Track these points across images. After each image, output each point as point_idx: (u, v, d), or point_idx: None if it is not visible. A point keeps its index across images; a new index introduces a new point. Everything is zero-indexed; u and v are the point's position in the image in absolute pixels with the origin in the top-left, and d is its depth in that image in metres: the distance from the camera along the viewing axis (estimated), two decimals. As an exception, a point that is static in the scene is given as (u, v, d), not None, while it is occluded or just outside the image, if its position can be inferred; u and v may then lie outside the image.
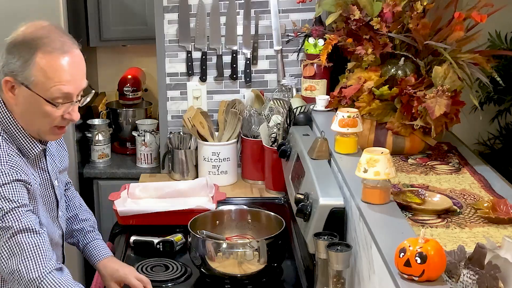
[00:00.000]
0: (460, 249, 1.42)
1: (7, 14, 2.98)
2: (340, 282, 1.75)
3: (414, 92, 2.08)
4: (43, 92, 1.71)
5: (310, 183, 2.00)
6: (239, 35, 2.95)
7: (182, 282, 2.18)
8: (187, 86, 3.01)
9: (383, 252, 1.49)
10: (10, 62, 1.71)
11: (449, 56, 2.07)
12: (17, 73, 1.70)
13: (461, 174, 2.02)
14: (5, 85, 1.73)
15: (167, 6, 2.94)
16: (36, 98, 1.71)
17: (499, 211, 1.70)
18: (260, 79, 2.99)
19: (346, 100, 2.21)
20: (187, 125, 2.90)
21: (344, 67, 2.40)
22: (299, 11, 2.89)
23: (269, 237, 2.13)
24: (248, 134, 2.92)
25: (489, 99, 3.41)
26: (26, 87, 1.71)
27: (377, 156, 1.67)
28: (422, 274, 1.34)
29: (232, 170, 2.93)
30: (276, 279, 2.21)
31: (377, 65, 2.22)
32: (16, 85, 1.72)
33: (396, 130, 2.15)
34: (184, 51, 2.97)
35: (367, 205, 1.71)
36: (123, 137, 3.46)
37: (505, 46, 3.37)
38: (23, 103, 1.74)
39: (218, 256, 2.10)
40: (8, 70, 1.72)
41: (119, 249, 2.39)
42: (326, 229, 1.87)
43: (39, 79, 1.69)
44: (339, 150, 2.09)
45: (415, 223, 1.69)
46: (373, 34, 2.19)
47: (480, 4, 2.10)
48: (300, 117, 2.59)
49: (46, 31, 1.72)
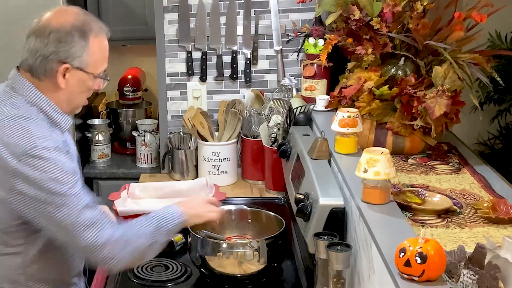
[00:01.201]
0: (460, 249, 1.42)
1: (7, 14, 2.99)
2: (340, 282, 1.75)
3: (414, 92, 2.08)
4: (94, 70, 1.84)
5: (310, 183, 2.00)
6: (239, 35, 2.95)
7: (182, 282, 2.18)
8: (187, 86, 3.01)
9: (383, 252, 1.49)
10: (63, 49, 1.78)
11: (449, 56, 2.07)
12: (73, 58, 1.79)
13: (461, 174, 2.02)
14: (61, 71, 1.80)
15: (167, 6, 2.94)
16: (87, 77, 1.83)
17: (499, 211, 1.70)
18: (260, 79, 2.99)
19: (346, 100, 2.21)
20: (187, 125, 2.90)
21: (344, 67, 2.40)
22: (299, 11, 2.89)
23: (269, 237, 2.13)
24: (248, 134, 2.92)
25: (489, 99, 3.41)
26: (80, 69, 1.81)
27: (377, 156, 1.67)
28: (422, 274, 1.34)
29: (232, 170, 2.93)
30: (276, 279, 2.21)
31: (377, 65, 2.22)
32: (70, 69, 1.80)
33: (396, 130, 2.15)
34: (184, 51, 2.97)
35: (367, 205, 1.71)
36: (123, 137, 3.46)
37: (505, 46, 3.37)
38: (73, 85, 1.83)
39: (218, 256, 2.10)
40: (63, 58, 1.78)
41: (119, 249, 2.39)
42: (326, 229, 1.87)
43: (92, 60, 1.82)
44: (339, 150, 2.09)
45: (415, 223, 1.69)
46: (373, 34, 2.19)
47: (480, 4, 2.10)
48: (300, 117, 2.59)
49: (86, 16, 1.84)
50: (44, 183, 1.70)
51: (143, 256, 1.87)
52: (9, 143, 1.71)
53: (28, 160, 1.69)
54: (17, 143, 1.71)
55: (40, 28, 1.81)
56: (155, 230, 1.85)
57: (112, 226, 1.78)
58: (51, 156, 1.71)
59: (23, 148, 1.70)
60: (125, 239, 1.79)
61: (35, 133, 1.73)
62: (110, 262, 1.76)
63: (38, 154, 1.70)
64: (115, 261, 1.76)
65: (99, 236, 1.73)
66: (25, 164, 1.69)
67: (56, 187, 1.70)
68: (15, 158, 1.70)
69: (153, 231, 1.85)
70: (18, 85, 1.83)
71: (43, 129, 1.76)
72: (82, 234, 1.72)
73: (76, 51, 1.79)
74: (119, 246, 1.77)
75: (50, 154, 1.71)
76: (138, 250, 1.81)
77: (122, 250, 1.77)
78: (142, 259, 1.90)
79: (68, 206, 1.71)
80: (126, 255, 1.78)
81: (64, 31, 1.78)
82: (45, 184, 1.70)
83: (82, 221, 1.72)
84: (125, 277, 2.21)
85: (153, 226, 1.85)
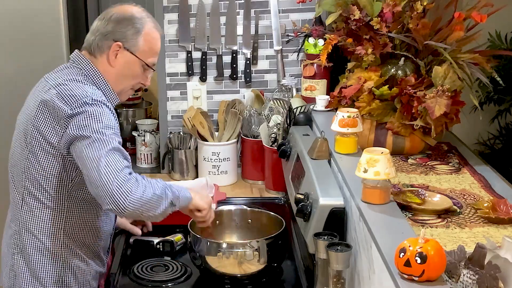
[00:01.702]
0: (460, 249, 1.42)
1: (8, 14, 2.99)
2: (340, 282, 1.75)
3: (414, 92, 2.08)
4: (143, 58, 2.06)
5: (310, 183, 2.00)
6: (239, 35, 2.94)
7: (182, 282, 2.18)
8: (187, 86, 3.01)
9: (383, 252, 1.49)
10: (120, 30, 2.03)
11: (449, 56, 2.07)
12: (126, 40, 2.03)
13: (461, 174, 2.02)
14: (114, 49, 2.03)
15: (167, 6, 2.94)
16: (135, 62, 2.06)
17: (499, 211, 1.70)
18: (260, 79, 2.99)
19: (346, 100, 2.21)
20: (187, 125, 2.90)
21: (344, 67, 2.40)
22: (299, 11, 2.89)
23: (269, 237, 2.13)
24: (248, 134, 2.92)
25: (489, 99, 3.41)
26: (131, 52, 2.04)
27: (377, 156, 1.68)
28: (422, 274, 1.34)
29: (232, 170, 2.93)
30: (276, 279, 2.21)
31: (377, 65, 2.22)
32: (121, 49, 2.03)
33: (396, 130, 2.15)
34: (184, 51, 2.97)
35: (367, 205, 1.71)
36: (123, 137, 3.44)
37: (505, 46, 3.37)
38: (122, 65, 2.05)
39: (218, 256, 2.10)
40: (118, 37, 2.03)
41: (119, 249, 2.39)
42: (326, 229, 1.87)
43: (143, 47, 2.05)
44: (339, 150, 2.09)
45: (415, 223, 1.69)
46: (373, 34, 2.19)
47: (480, 4, 2.10)
48: (300, 117, 2.59)
49: (145, 12, 2.10)
50: (90, 123, 1.89)
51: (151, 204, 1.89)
52: (65, 96, 1.94)
53: (80, 107, 1.91)
54: (72, 94, 1.93)
55: (104, 13, 2.07)
56: (167, 186, 1.97)
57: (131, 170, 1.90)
58: (100, 106, 1.93)
59: (77, 99, 1.92)
60: (140, 179, 1.89)
61: (88, 90, 1.96)
62: (125, 200, 1.82)
63: (89, 103, 1.92)
64: (127, 197, 1.82)
65: (119, 172, 1.84)
66: (77, 111, 1.90)
67: (97, 127, 1.89)
68: (69, 107, 1.91)
69: (165, 186, 1.96)
70: (77, 59, 2.06)
71: (96, 91, 2.00)
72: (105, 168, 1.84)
73: (130, 35, 2.03)
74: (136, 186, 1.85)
75: (100, 105, 1.93)
76: (148, 194, 1.87)
77: (136, 188, 1.84)
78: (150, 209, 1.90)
79: (100, 142, 1.87)
80: (138, 194, 1.84)
81: (124, 17, 2.04)
82: (90, 123, 1.89)
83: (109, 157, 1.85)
84: (125, 277, 2.21)
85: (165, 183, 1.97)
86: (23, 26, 3.02)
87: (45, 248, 2.03)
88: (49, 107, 1.95)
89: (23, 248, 2.04)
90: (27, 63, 3.07)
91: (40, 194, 2.01)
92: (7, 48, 3.03)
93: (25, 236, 2.04)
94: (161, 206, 1.91)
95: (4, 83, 3.12)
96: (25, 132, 2.01)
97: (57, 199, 2.01)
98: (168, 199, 1.93)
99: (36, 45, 3.05)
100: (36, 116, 1.97)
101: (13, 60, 3.05)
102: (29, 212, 2.03)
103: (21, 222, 2.05)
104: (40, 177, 1.99)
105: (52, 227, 2.02)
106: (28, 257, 2.04)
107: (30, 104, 2.03)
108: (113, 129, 1.93)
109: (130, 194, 1.82)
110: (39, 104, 1.98)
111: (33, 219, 2.03)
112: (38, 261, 2.03)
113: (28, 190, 2.02)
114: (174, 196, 1.96)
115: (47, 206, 2.01)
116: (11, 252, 2.08)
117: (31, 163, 2.00)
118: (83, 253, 2.08)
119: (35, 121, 1.97)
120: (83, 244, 2.07)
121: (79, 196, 2.03)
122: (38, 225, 2.02)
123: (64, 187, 2.00)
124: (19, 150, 2.05)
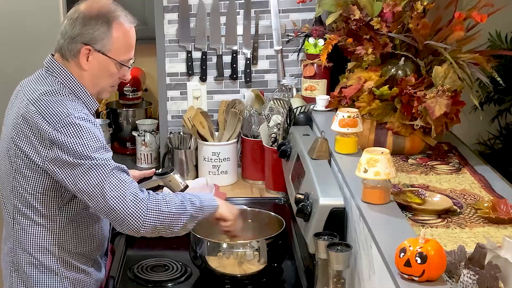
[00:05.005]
0: (460, 249, 1.42)
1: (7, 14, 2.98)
2: (340, 282, 1.75)
3: (414, 92, 2.08)
4: (116, 56, 1.97)
5: (310, 183, 2.00)
6: (239, 35, 2.94)
7: (182, 282, 2.18)
8: (187, 86, 3.01)
9: (383, 252, 1.49)
10: (87, 32, 1.93)
11: (449, 56, 2.07)
12: (95, 41, 1.93)
13: (461, 174, 2.02)
14: (83, 52, 1.94)
15: (167, 6, 2.94)
16: (109, 62, 1.96)
17: (499, 211, 1.70)
18: (260, 79, 2.99)
19: (346, 100, 2.21)
20: (187, 125, 2.90)
21: (344, 67, 2.40)
22: (299, 11, 2.89)
23: (269, 237, 2.13)
24: (248, 134, 2.92)
25: (489, 99, 3.41)
26: (102, 53, 1.94)
27: (377, 156, 1.67)
28: (422, 274, 1.34)
29: (232, 170, 2.93)
30: (276, 279, 2.21)
31: (377, 65, 2.22)
32: (92, 51, 1.94)
33: (396, 130, 2.15)
34: (184, 51, 2.97)
35: (367, 205, 1.71)
36: (123, 137, 3.45)
37: (505, 46, 3.37)
38: (96, 67, 1.97)
39: (218, 256, 2.10)
40: (86, 40, 1.93)
41: (119, 249, 2.39)
42: (326, 229, 1.87)
43: (114, 45, 1.95)
44: (339, 150, 2.09)
45: (415, 223, 1.69)
46: (373, 34, 2.19)
47: (480, 4, 2.10)
48: (300, 117, 2.59)
49: (114, 6, 1.98)
50: (77, 147, 1.83)
51: (169, 222, 1.87)
52: (46, 114, 1.86)
53: (63, 128, 1.84)
54: (53, 113, 1.86)
55: (71, 13, 1.98)
56: (187, 199, 1.93)
57: (139, 188, 1.87)
58: (84, 124, 1.86)
59: (59, 118, 1.85)
60: (153, 199, 1.86)
61: (68, 106, 1.88)
62: (137, 223, 1.81)
63: (72, 122, 1.84)
64: (141, 221, 1.81)
65: (127, 194, 1.81)
66: (60, 132, 1.83)
67: (88, 152, 1.83)
68: (51, 127, 1.84)
69: (184, 200, 1.92)
70: (51, 66, 1.99)
71: (75, 104, 1.92)
72: (110, 193, 1.81)
73: (98, 35, 1.93)
74: (146, 206, 1.82)
75: (83, 123, 1.86)
76: (163, 213, 1.85)
77: (149, 211, 1.82)
78: (169, 226, 1.89)
79: (97, 168, 1.82)
80: (152, 216, 1.82)
81: (90, 16, 1.93)
82: (78, 148, 1.83)
83: (111, 181, 1.82)
84: (125, 277, 2.21)
85: (184, 196, 1.94)
86: (23, 26, 3.01)
87: (41, 265, 1.98)
88: (30, 125, 1.88)
89: (19, 266, 2.00)
90: (27, 63, 3.07)
91: (30, 212, 1.95)
92: (7, 48, 3.03)
93: (20, 254, 1.99)
94: (179, 223, 1.90)
95: (4, 83, 3.12)
96: (8, 151, 1.95)
97: (48, 215, 1.95)
98: (187, 213, 1.91)
99: (36, 45, 3.05)
100: (17, 134, 1.91)
101: (13, 60, 3.05)
102: (22, 230, 1.98)
103: (15, 240, 2.00)
104: (28, 195, 1.94)
105: (46, 244, 1.97)
106: (24, 275, 2.00)
107: (11, 119, 1.97)
108: (102, 148, 1.87)
109: (143, 216, 1.81)
110: (19, 119, 1.91)
111: (26, 237, 1.97)
112: (36, 278, 1.99)
113: (18, 209, 1.97)
114: (195, 208, 1.93)
115: (38, 224, 1.96)
116: (8, 270, 2.04)
117: (18, 182, 1.93)
118: (81, 264, 2.03)
119: (17, 139, 1.91)
120: (79, 255, 2.03)
121: (71, 209, 1.97)
122: (31, 242, 1.97)
123: (54, 203, 1.95)
124: (4, 169, 1.98)
